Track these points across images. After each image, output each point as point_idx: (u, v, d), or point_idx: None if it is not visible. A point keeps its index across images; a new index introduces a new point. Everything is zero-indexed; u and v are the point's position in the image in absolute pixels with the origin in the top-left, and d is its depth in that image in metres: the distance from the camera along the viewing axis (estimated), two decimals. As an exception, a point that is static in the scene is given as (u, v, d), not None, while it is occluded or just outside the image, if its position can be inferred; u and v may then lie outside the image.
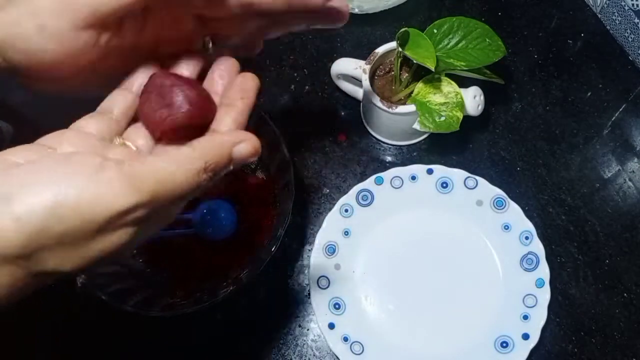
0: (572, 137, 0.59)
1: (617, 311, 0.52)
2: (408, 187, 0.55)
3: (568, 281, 0.53)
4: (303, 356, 0.52)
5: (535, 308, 0.50)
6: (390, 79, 0.56)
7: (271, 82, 0.63)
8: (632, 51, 0.61)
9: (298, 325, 0.53)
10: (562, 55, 0.63)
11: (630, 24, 0.59)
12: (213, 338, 0.54)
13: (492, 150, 0.59)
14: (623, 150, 0.58)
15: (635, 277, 0.53)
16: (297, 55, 0.64)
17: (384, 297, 0.53)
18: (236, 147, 0.29)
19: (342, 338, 0.51)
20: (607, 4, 0.61)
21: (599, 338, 0.51)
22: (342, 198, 0.55)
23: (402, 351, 0.51)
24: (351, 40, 0.65)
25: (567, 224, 0.55)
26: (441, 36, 0.52)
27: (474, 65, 0.50)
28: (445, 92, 0.51)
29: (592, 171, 0.58)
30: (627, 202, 0.56)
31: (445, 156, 0.59)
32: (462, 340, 0.51)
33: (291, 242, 0.56)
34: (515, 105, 0.61)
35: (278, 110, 0.61)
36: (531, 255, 0.52)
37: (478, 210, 0.54)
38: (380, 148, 0.60)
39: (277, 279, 0.55)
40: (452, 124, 0.50)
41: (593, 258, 0.54)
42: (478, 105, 0.53)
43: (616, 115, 0.60)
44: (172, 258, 0.54)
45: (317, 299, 0.52)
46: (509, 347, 0.50)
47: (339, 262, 0.54)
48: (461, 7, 0.66)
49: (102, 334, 0.54)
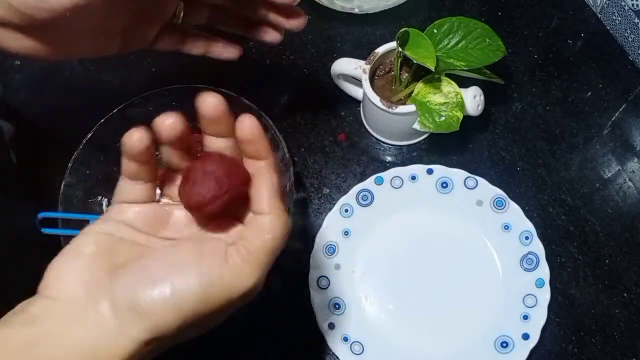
0: (572, 137, 0.59)
1: (617, 311, 0.52)
2: (408, 187, 0.55)
3: (568, 281, 0.53)
4: (303, 356, 0.52)
5: (535, 308, 0.50)
6: (390, 79, 0.56)
7: (271, 82, 0.63)
8: (632, 51, 0.61)
9: (298, 325, 0.53)
10: (562, 55, 0.63)
11: (630, 24, 0.59)
12: (213, 338, 0.54)
13: (492, 150, 0.59)
14: (623, 150, 0.58)
15: (635, 277, 0.53)
16: (297, 55, 0.64)
17: (384, 297, 0.53)
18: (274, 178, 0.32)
19: (342, 338, 0.51)
20: (607, 4, 0.61)
21: (599, 338, 0.51)
22: (342, 198, 0.55)
23: (402, 351, 0.51)
24: (351, 40, 0.65)
25: (567, 224, 0.55)
26: (441, 36, 0.52)
27: (474, 65, 0.50)
28: (445, 92, 0.51)
29: (592, 171, 0.58)
30: (627, 202, 0.56)
31: (445, 156, 0.59)
32: (462, 340, 0.51)
33: (291, 242, 0.56)
34: (515, 105, 0.61)
35: (278, 110, 0.61)
36: (531, 255, 0.52)
37: (478, 210, 0.54)
38: (380, 148, 0.60)
39: (277, 279, 0.55)
40: (452, 124, 0.50)
41: (593, 258, 0.54)
42: (478, 105, 0.53)
43: (616, 115, 0.60)
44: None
45: (317, 299, 0.52)
46: (509, 347, 0.50)
47: (339, 262, 0.54)
48: (461, 7, 0.66)
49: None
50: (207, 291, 0.27)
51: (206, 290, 0.27)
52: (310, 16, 0.66)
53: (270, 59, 0.64)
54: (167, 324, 0.27)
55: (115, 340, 0.26)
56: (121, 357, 0.26)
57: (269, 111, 0.53)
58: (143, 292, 0.27)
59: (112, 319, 0.27)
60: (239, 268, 0.28)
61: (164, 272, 0.27)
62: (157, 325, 0.27)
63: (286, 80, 0.63)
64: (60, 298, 0.27)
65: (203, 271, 0.27)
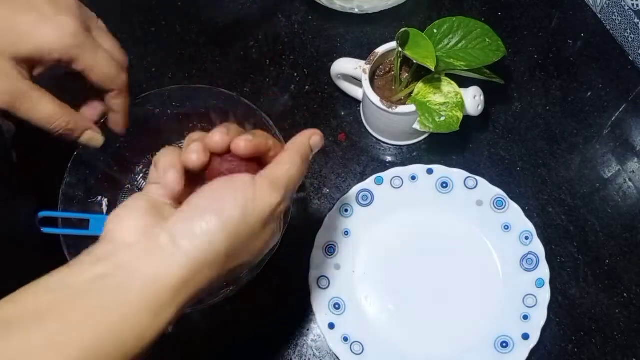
0: (572, 137, 0.59)
1: (617, 311, 0.52)
2: (408, 187, 0.55)
3: (568, 281, 0.53)
4: (303, 356, 0.52)
5: (535, 308, 0.50)
6: (390, 79, 0.56)
7: (271, 82, 0.63)
8: (632, 51, 0.61)
9: (298, 325, 0.53)
10: (562, 55, 0.63)
11: (630, 24, 0.59)
12: (213, 338, 0.54)
13: (492, 150, 0.59)
14: (623, 150, 0.58)
15: (635, 277, 0.53)
16: (297, 55, 0.64)
17: (384, 297, 0.53)
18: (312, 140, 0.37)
19: (342, 338, 0.51)
20: (607, 4, 0.61)
21: (599, 338, 0.51)
22: (342, 198, 0.55)
23: (402, 351, 0.51)
24: (351, 40, 0.65)
25: (567, 224, 0.55)
26: (441, 36, 0.52)
27: (474, 65, 0.50)
28: (445, 92, 0.51)
29: (592, 171, 0.58)
30: (627, 202, 0.56)
31: (445, 156, 0.59)
32: (462, 340, 0.51)
33: (291, 242, 0.56)
34: (515, 105, 0.61)
35: (278, 110, 0.61)
36: (531, 255, 0.52)
37: (478, 210, 0.54)
38: (380, 148, 0.60)
39: (277, 278, 0.55)
40: (452, 124, 0.50)
41: (593, 258, 0.54)
42: (478, 105, 0.53)
43: (616, 115, 0.60)
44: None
45: (317, 299, 0.52)
46: (509, 347, 0.50)
47: (339, 262, 0.54)
48: (461, 7, 0.66)
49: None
50: (244, 212, 0.32)
51: (245, 211, 0.32)
52: (310, 16, 0.67)
53: (270, 59, 0.64)
54: (217, 242, 0.31)
55: (174, 261, 0.30)
56: (179, 276, 0.30)
57: (269, 111, 0.53)
58: (196, 221, 0.31)
59: (171, 246, 0.30)
60: (265, 189, 0.33)
61: (209, 204, 0.32)
62: (209, 243, 0.31)
63: (286, 80, 0.63)
64: (122, 241, 0.31)
65: (238, 196, 0.32)
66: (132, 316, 0.29)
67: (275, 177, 0.34)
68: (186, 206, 0.32)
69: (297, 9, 0.66)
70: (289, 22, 0.66)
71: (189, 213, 0.32)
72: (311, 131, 0.38)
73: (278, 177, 0.34)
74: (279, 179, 0.34)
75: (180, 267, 0.30)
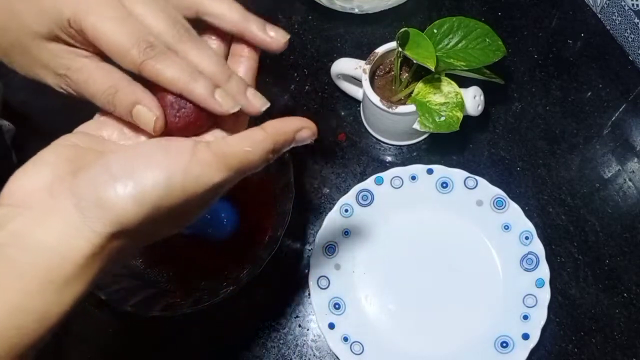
0: (572, 137, 0.59)
1: (617, 311, 0.52)
2: (408, 187, 0.55)
3: (568, 281, 0.53)
4: (303, 356, 0.52)
5: (535, 308, 0.50)
6: (390, 79, 0.56)
7: (271, 82, 0.63)
8: (632, 51, 0.61)
9: (298, 325, 0.53)
10: (562, 55, 0.63)
11: (630, 24, 0.59)
12: (213, 338, 0.54)
13: (492, 150, 0.59)
14: (623, 150, 0.58)
15: (635, 277, 0.53)
16: (297, 55, 0.64)
17: (384, 297, 0.53)
18: (299, 133, 0.32)
19: (342, 338, 0.51)
20: (607, 4, 0.61)
21: (599, 338, 0.51)
22: (342, 198, 0.55)
23: (402, 351, 0.51)
24: (351, 40, 0.65)
25: (567, 224, 0.55)
26: (441, 36, 0.52)
27: (474, 65, 0.50)
28: (445, 92, 0.51)
29: (592, 171, 0.58)
30: (627, 202, 0.56)
31: (445, 156, 0.59)
32: (462, 340, 0.51)
33: (291, 242, 0.56)
34: (515, 105, 0.61)
35: (278, 110, 0.61)
36: (531, 255, 0.52)
37: (478, 210, 0.54)
38: (380, 148, 0.60)
39: (277, 279, 0.55)
40: (452, 124, 0.50)
41: (593, 258, 0.54)
42: (478, 105, 0.53)
43: (616, 115, 0.60)
44: (172, 258, 0.54)
45: (317, 299, 0.52)
46: (509, 347, 0.50)
47: (338, 262, 0.54)
48: (461, 7, 0.66)
49: (101, 334, 0.54)
50: (170, 184, 0.27)
51: (169, 183, 0.27)
52: (310, 16, 0.67)
53: (270, 59, 0.64)
54: (130, 217, 0.26)
55: (79, 233, 0.26)
56: (85, 250, 0.26)
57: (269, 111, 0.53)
58: (105, 186, 0.26)
59: (76, 214, 0.26)
60: (207, 163, 0.28)
61: (126, 166, 0.27)
62: (119, 217, 0.26)
63: (286, 80, 0.63)
64: (22, 204, 0.27)
65: (168, 163, 0.27)
66: (31, 292, 0.25)
67: (227, 153, 0.29)
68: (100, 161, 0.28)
69: (297, 9, 0.66)
70: (289, 22, 0.66)
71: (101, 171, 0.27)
72: (302, 122, 0.33)
73: (230, 154, 0.29)
74: (231, 157, 0.29)
75: (86, 240, 0.26)
